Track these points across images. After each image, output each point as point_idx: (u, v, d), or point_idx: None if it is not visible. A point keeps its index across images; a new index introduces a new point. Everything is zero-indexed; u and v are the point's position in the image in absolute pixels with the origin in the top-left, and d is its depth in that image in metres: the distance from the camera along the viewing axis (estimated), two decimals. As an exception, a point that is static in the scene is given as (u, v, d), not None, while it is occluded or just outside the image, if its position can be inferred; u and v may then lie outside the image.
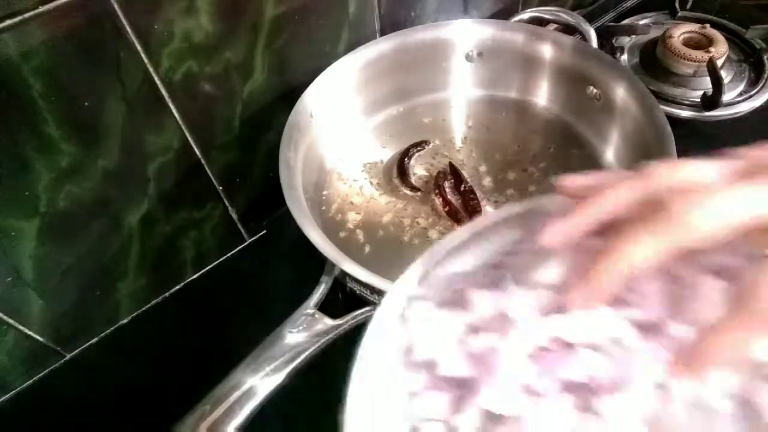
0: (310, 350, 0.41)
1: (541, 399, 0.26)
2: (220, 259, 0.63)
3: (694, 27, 0.73)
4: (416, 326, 0.28)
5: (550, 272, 0.28)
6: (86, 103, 0.42)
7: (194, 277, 0.62)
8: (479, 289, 0.29)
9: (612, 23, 0.82)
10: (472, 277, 0.30)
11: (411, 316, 0.29)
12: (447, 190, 0.57)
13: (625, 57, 0.75)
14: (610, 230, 0.25)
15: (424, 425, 0.26)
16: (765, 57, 0.72)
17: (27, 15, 0.36)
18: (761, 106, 0.68)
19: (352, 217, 0.57)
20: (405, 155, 0.60)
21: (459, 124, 0.65)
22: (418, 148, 0.61)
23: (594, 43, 0.62)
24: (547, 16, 0.68)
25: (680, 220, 0.22)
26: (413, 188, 0.58)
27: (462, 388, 0.27)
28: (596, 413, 0.25)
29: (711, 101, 0.65)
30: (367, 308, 0.43)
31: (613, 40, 0.77)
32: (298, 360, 0.40)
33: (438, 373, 0.27)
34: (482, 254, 0.31)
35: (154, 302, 0.60)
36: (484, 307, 0.28)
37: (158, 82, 0.45)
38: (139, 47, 0.42)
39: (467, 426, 0.26)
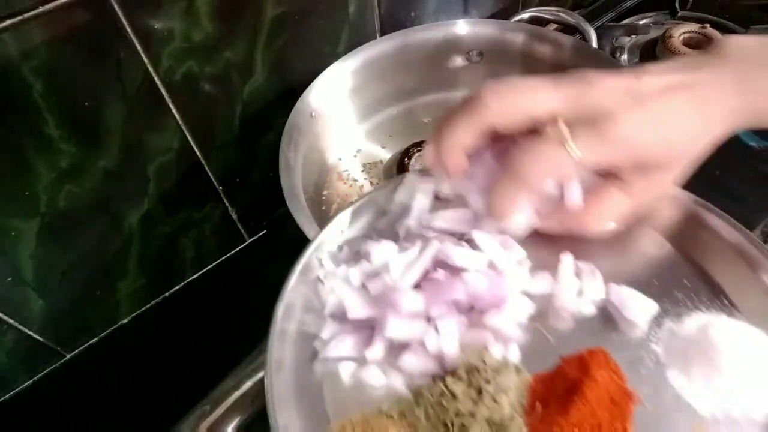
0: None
1: (436, 321, 0.30)
2: (220, 259, 0.63)
3: (694, 27, 0.73)
4: (325, 284, 0.33)
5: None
6: (86, 103, 0.42)
7: (194, 277, 0.62)
8: (374, 242, 0.34)
9: (612, 23, 0.82)
10: (367, 235, 0.36)
11: (321, 276, 0.34)
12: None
13: (625, 57, 0.75)
14: None
15: (338, 365, 0.30)
16: (765, 57, 0.72)
17: (27, 15, 0.36)
18: (761, 106, 0.68)
19: (352, 217, 0.57)
20: (405, 155, 0.60)
21: (459, 124, 0.65)
22: (418, 148, 0.61)
23: (594, 43, 0.62)
24: (547, 16, 0.68)
25: (486, 107, 0.29)
26: (413, 188, 0.58)
27: (368, 328, 0.31)
28: (483, 326, 0.30)
29: (711, 101, 0.65)
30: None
31: (613, 40, 0.77)
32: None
33: (346, 318, 0.32)
34: (369, 219, 0.37)
35: (154, 302, 0.60)
36: (378, 255, 0.33)
37: (158, 82, 0.45)
38: (139, 47, 0.42)
39: (376, 356, 0.30)
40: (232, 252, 0.64)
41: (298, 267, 0.34)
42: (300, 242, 0.44)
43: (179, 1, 0.43)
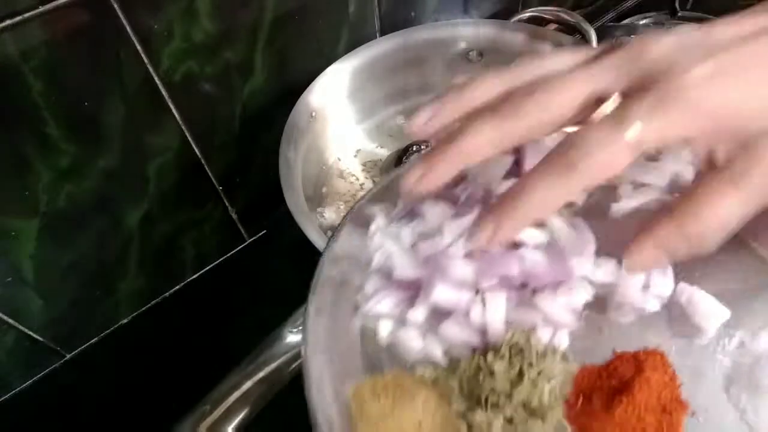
0: (310, 350, 0.41)
1: (484, 293, 0.28)
2: (220, 259, 0.63)
3: (694, 27, 0.73)
4: (375, 238, 0.32)
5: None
6: (86, 103, 0.42)
7: (194, 277, 0.62)
8: (431, 202, 0.32)
9: (612, 23, 0.82)
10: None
11: (372, 229, 0.32)
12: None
13: (625, 57, 0.75)
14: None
15: (378, 322, 0.29)
16: (765, 57, 0.72)
17: (27, 15, 0.36)
18: (761, 106, 0.68)
19: (352, 217, 0.57)
20: (403, 154, 0.60)
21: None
22: (417, 148, 0.61)
23: (594, 43, 0.61)
24: (547, 16, 0.68)
25: (517, 111, 0.23)
26: (413, 188, 0.58)
27: (413, 289, 0.30)
28: (533, 306, 0.28)
29: (711, 101, 0.65)
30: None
31: (613, 41, 0.77)
32: (299, 360, 0.40)
33: (392, 277, 0.30)
34: None
35: (154, 302, 0.60)
36: (433, 217, 0.31)
37: (158, 82, 0.45)
38: (139, 47, 0.42)
39: (417, 319, 0.29)
40: (232, 252, 0.64)
41: (350, 216, 0.32)
42: (300, 242, 0.44)
43: (179, 1, 0.43)
